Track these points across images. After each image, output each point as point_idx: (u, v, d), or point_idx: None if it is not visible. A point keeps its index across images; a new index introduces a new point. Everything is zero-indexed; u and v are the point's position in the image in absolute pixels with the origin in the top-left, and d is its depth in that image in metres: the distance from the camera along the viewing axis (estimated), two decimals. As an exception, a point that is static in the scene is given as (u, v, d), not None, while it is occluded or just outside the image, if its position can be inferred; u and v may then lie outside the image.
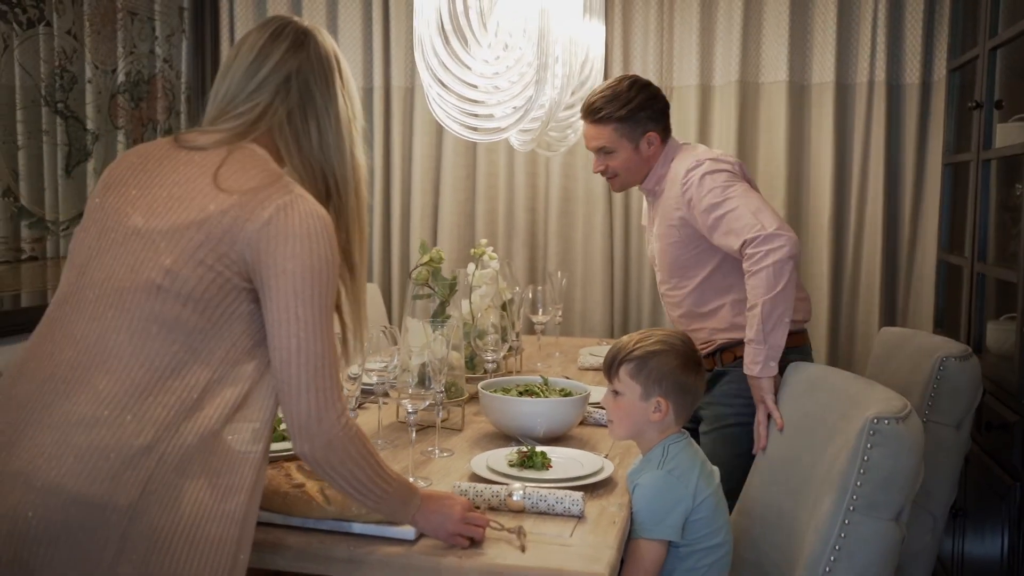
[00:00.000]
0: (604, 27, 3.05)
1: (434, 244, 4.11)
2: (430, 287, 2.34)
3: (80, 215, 3.25)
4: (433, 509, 1.57)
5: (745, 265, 2.29)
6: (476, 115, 2.33)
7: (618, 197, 3.96)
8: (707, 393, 2.44)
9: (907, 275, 3.78)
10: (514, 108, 2.13)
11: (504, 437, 2.25)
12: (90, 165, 3.39)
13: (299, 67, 1.54)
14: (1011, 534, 2.51)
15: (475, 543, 1.57)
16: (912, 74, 3.70)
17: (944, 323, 3.48)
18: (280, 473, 1.68)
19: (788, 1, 3.74)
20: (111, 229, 1.45)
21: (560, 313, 3.30)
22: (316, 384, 1.39)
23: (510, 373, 2.80)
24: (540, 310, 3.12)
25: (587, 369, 3.07)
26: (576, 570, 1.49)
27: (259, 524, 1.56)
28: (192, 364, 1.37)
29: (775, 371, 2.19)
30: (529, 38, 2.15)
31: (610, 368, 1.92)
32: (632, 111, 2.58)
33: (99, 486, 1.29)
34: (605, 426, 2.33)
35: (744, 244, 2.29)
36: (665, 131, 2.66)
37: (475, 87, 2.31)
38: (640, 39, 3.90)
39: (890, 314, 3.79)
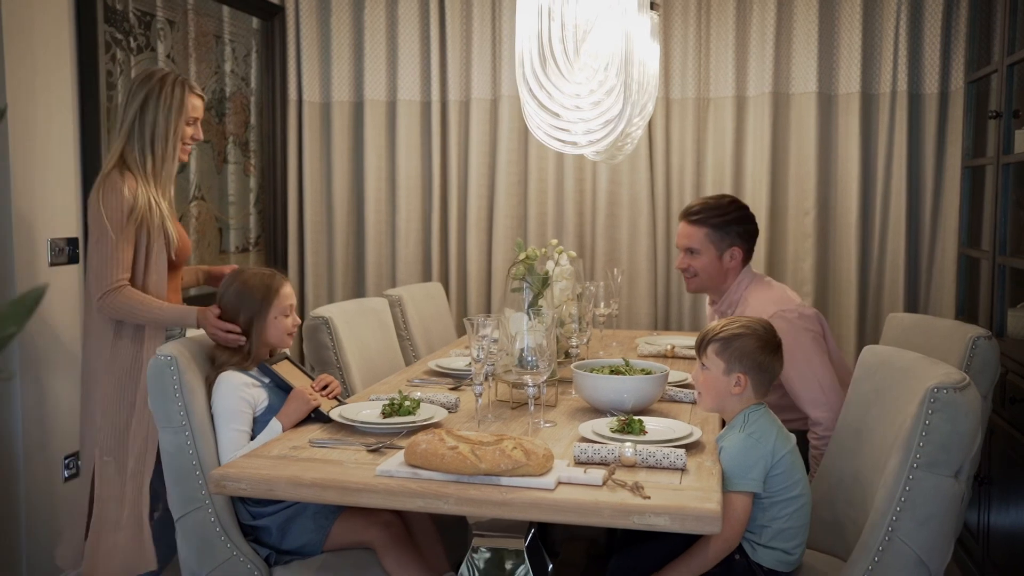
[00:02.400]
0: (659, 46, 3.36)
1: (489, 245, 4.43)
2: (526, 281, 2.65)
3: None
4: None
5: (812, 440, 2.82)
6: (563, 129, 2.65)
7: (661, 201, 4.29)
8: None
9: (928, 268, 4.12)
10: (605, 122, 2.45)
11: (594, 410, 2.56)
12: (186, 176, 3.70)
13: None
14: (1036, 495, 2.83)
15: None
16: (931, 84, 4.03)
17: (965, 311, 3.80)
18: (435, 438, 1.99)
19: (816, 18, 4.07)
20: None
21: (617, 307, 3.62)
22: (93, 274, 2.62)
23: (581, 358, 3.11)
24: (602, 304, 3.44)
25: (646, 356, 3.39)
26: (694, 506, 1.81)
27: (422, 479, 1.90)
28: None
29: None
30: (614, 60, 2.47)
31: (700, 346, 2.24)
32: (726, 222, 3.01)
33: None
34: (680, 401, 2.66)
35: (813, 421, 2.82)
36: (748, 253, 3.07)
37: (551, 96, 2.65)
38: (679, 54, 4.23)
39: (912, 303, 4.12)
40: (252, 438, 2.37)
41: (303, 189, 4.51)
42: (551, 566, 2.63)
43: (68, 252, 3.07)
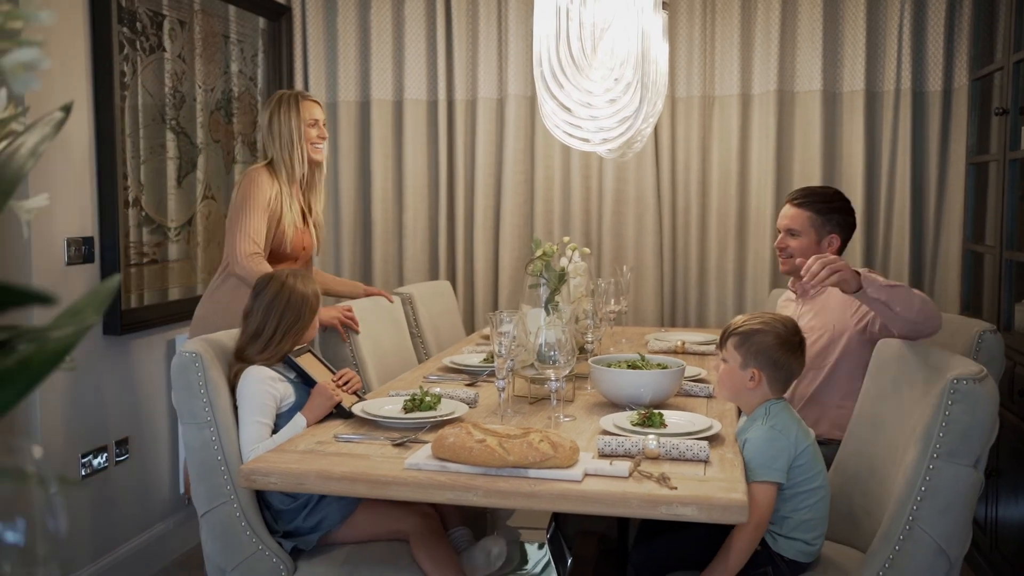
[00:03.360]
0: (668, 45, 3.39)
1: (496, 243, 4.45)
2: (543, 278, 2.68)
3: (188, 222, 3.60)
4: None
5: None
6: (581, 126, 2.68)
7: (667, 198, 4.32)
8: None
9: (932, 263, 4.15)
10: (622, 119, 2.48)
11: (610, 405, 2.59)
12: (195, 176, 3.72)
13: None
14: (1045, 486, 2.87)
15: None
16: (935, 82, 4.07)
17: (970, 305, 3.84)
18: (463, 432, 2.01)
19: (820, 16, 4.11)
20: None
21: (627, 304, 3.64)
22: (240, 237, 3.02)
23: (594, 354, 3.13)
24: (613, 300, 3.46)
25: (656, 352, 3.42)
26: (721, 497, 1.84)
27: (451, 472, 1.92)
28: None
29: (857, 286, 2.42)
30: (631, 59, 2.50)
31: (721, 339, 2.27)
32: (829, 210, 3.05)
33: None
34: (696, 396, 2.69)
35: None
36: (844, 244, 3.09)
37: (569, 95, 2.68)
38: (685, 52, 4.26)
39: (917, 300, 4.15)
40: (274, 432, 2.39)
41: (310, 188, 4.52)
42: (571, 559, 2.67)
43: (84, 251, 3.08)
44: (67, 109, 1.10)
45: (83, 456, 3.12)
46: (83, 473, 3.13)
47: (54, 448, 2.98)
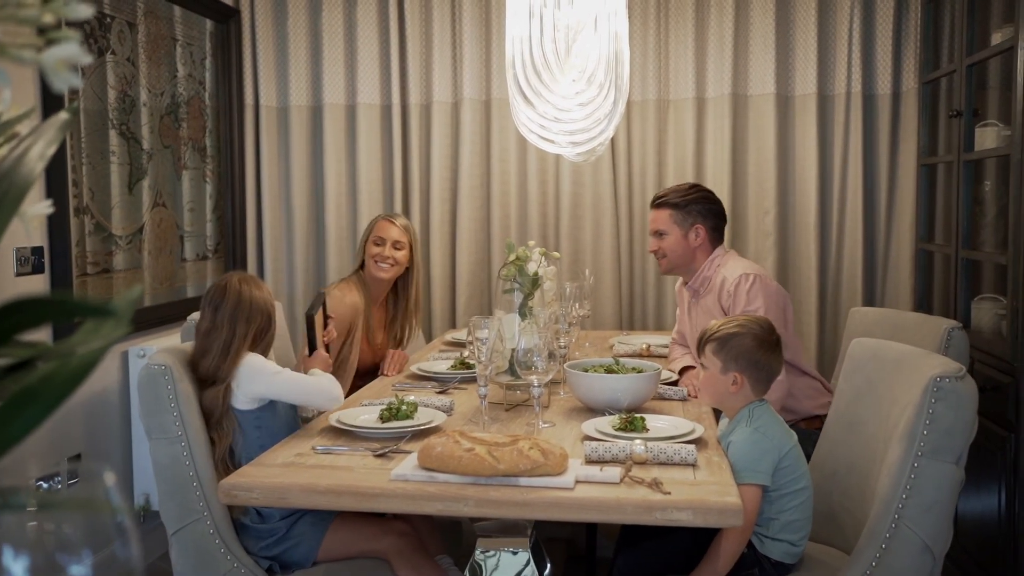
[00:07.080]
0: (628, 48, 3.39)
1: (453, 248, 4.41)
2: (517, 282, 2.65)
3: (139, 230, 3.49)
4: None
5: None
6: (547, 129, 2.66)
7: (623, 202, 4.32)
8: None
9: (884, 262, 4.23)
10: (597, 120, 2.47)
11: (587, 410, 2.57)
12: (146, 183, 3.61)
13: None
14: (1008, 480, 2.92)
15: None
16: (884, 85, 4.14)
17: (924, 304, 3.91)
18: (450, 441, 1.97)
19: (773, 21, 4.15)
20: None
21: (589, 308, 3.63)
22: None
23: (565, 358, 3.11)
24: (577, 305, 3.44)
25: (623, 356, 3.40)
26: (715, 500, 1.83)
27: (439, 482, 1.88)
28: None
29: None
30: (603, 61, 2.48)
31: (698, 345, 2.27)
32: (686, 202, 3.13)
33: None
34: (670, 399, 2.68)
35: None
36: (714, 231, 3.15)
37: (540, 96, 2.66)
38: (639, 56, 4.26)
39: (870, 298, 4.23)
40: (263, 425, 2.34)
41: (261, 195, 4.43)
42: (549, 565, 2.63)
43: (34, 262, 2.96)
44: (75, 111, 1.04)
45: (38, 481, 3.00)
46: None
47: (10, 469, 2.85)
